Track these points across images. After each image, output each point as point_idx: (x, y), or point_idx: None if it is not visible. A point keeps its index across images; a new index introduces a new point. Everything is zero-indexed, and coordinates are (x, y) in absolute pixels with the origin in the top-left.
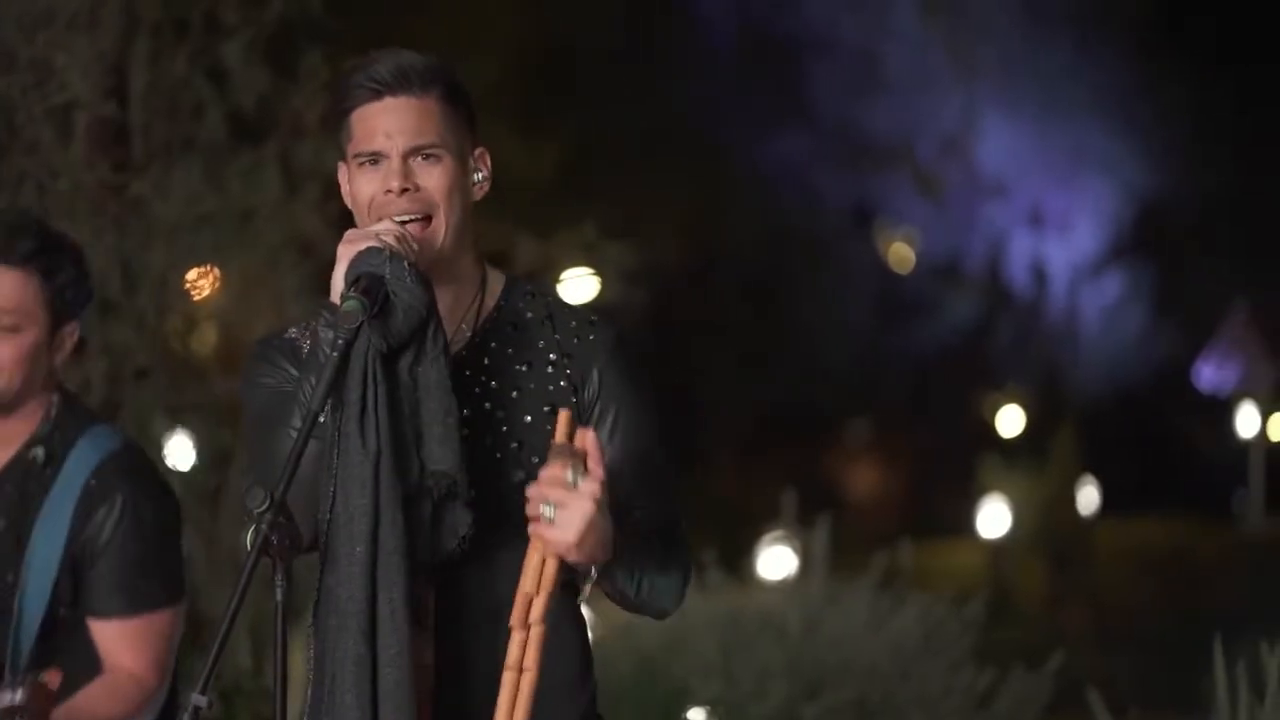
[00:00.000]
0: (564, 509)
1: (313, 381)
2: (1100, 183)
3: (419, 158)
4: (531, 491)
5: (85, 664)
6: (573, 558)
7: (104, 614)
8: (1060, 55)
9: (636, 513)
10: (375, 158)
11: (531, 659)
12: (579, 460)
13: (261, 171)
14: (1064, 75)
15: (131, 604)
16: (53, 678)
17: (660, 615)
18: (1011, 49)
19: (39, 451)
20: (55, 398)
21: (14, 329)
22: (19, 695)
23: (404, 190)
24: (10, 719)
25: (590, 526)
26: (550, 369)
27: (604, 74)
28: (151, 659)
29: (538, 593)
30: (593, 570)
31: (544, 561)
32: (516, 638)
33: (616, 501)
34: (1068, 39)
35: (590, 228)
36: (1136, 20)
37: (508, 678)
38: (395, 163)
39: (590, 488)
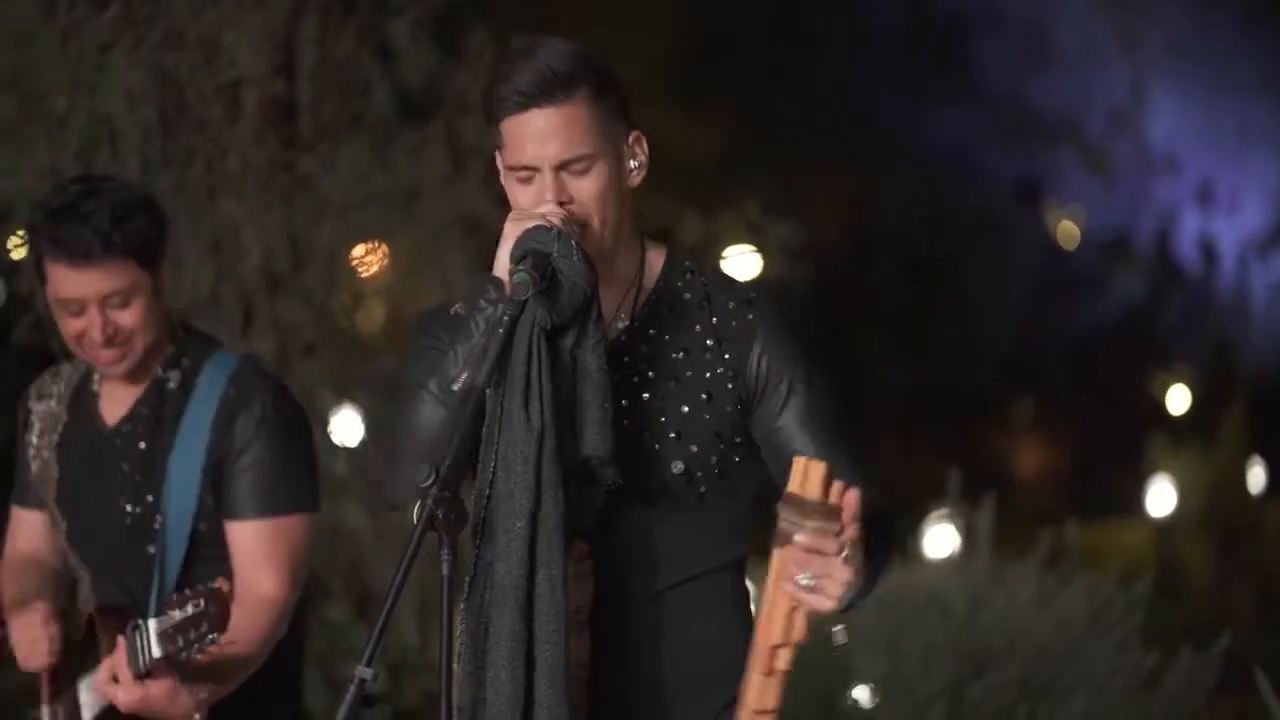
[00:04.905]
0: (824, 578)
1: (458, 350)
2: (1268, 160)
3: (570, 169)
4: (790, 558)
5: None
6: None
7: (242, 514)
8: (1227, 32)
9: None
10: (528, 172)
11: (772, 701)
12: (835, 519)
13: (428, 149)
14: (1231, 52)
15: (269, 504)
16: (224, 583)
17: None
18: (1178, 24)
19: (173, 375)
20: (179, 328)
21: (125, 304)
22: (192, 606)
23: (560, 204)
24: (188, 629)
25: (848, 590)
26: (707, 355)
27: (767, 50)
28: (284, 572)
29: (785, 644)
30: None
31: (793, 612)
32: (755, 680)
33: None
34: (1234, 15)
35: (753, 205)
36: None
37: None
38: (548, 177)
39: (855, 558)
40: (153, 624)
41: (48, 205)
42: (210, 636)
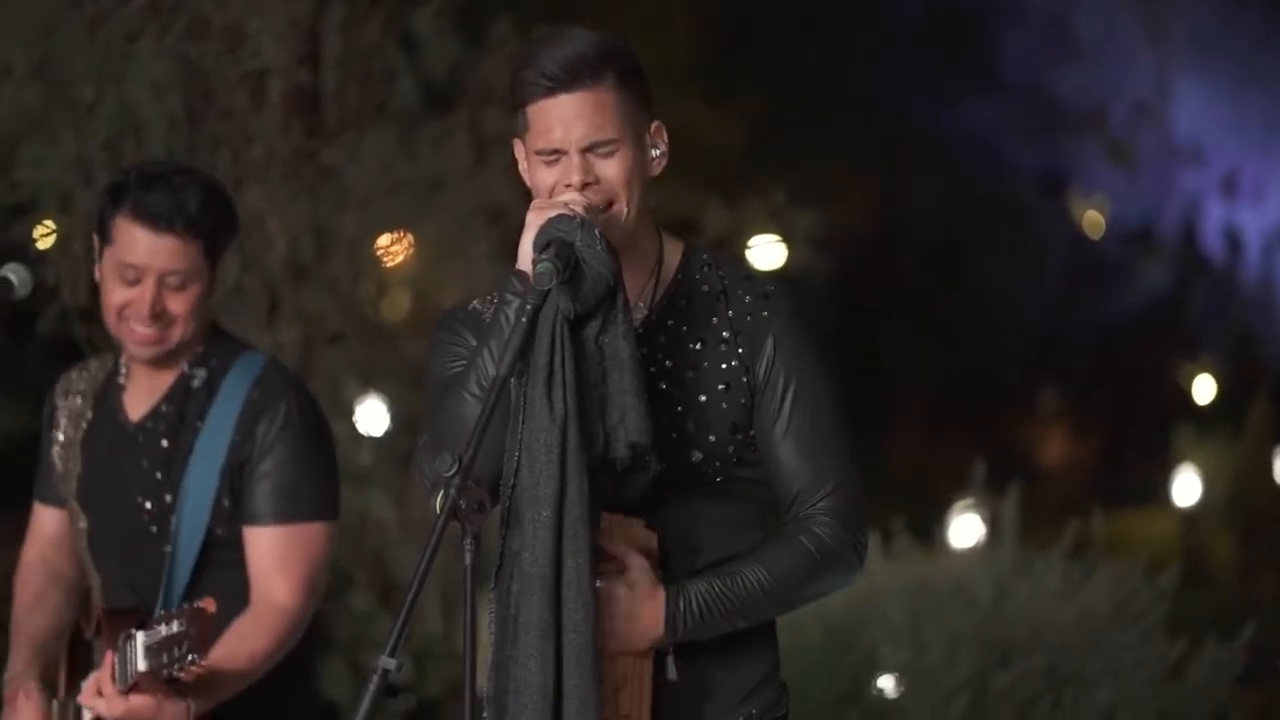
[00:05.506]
0: None
1: (492, 348)
2: None
3: (596, 152)
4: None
5: (235, 603)
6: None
7: (260, 520)
8: (1252, 22)
9: (802, 496)
10: (554, 155)
11: None
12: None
13: (452, 139)
14: (1256, 42)
15: (288, 511)
16: (210, 604)
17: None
18: (1203, 15)
19: (199, 373)
20: (211, 330)
21: (181, 287)
22: (177, 624)
23: (585, 184)
24: (172, 647)
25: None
26: (723, 347)
27: (791, 40)
28: (299, 581)
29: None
30: (669, 648)
31: None
32: None
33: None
34: (1260, 5)
35: (779, 195)
36: None
37: None
38: (574, 159)
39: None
40: (141, 636)
41: (142, 170)
42: (190, 657)
